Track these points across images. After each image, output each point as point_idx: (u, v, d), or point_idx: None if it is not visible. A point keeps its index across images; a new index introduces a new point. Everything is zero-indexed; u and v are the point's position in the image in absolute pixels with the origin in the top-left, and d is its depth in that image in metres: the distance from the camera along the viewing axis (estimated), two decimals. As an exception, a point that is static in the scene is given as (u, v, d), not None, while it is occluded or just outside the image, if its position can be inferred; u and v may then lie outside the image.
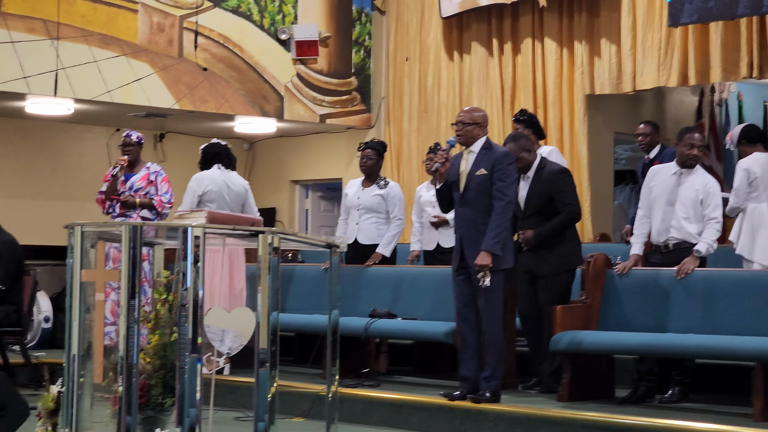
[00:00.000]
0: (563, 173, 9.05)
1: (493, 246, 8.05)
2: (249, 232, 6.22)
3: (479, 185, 8.22)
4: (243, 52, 13.89)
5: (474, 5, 13.73)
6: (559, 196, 8.84)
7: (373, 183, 10.74)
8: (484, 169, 8.21)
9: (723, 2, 11.15)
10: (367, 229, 10.63)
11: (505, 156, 8.27)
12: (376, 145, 10.91)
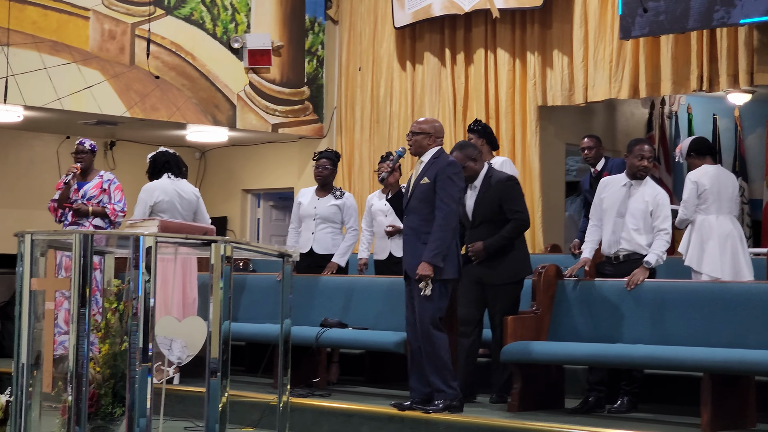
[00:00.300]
0: (511, 181, 9.05)
1: (433, 257, 8.01)
2: (201, 241, 6.21)
3: (422, 194, 8.20)
4: (195, 60, 13.85)
5: (427, 16, 13.76)
6: (508, 204, 8.84)
7: (328, 193, 10.73)
8: (427, 178, 8.19)
9: (674, 16, 11.25)
10: (323, 238, 10.63)
11: (448, 165, 8.23)
12: (330, 154, 10.90)
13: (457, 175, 8.23)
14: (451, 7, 13.47)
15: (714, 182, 9.43)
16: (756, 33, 11.27)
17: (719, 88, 11.80)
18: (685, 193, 9.52)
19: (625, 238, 8.66)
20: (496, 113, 13.32)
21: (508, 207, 8.83)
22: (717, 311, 8.07)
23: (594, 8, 12.45)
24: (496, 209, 8.82)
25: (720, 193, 9.42)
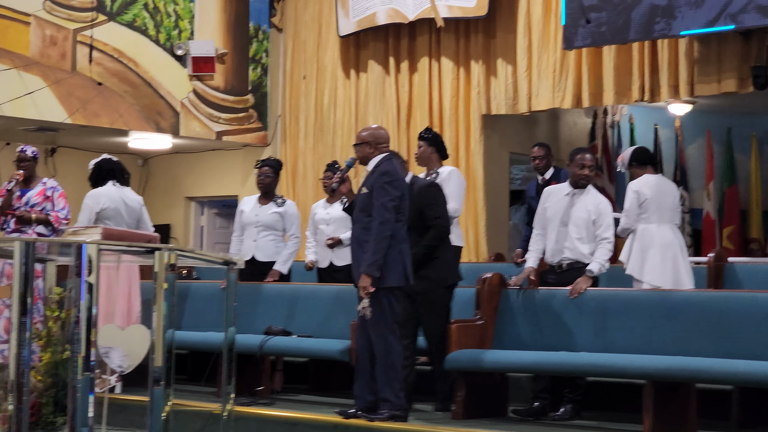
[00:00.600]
0: (432, 187, 9.06)
1: (368, 268, 7.97)
2: (145, 248, 6.17)
3: (361, 203, 8.19)
4: (138, 67, 13.78)
5: (372, 24, 13.78)
6: (428, 210, 8.81)
7: (270, 200, 10.71)
8: (366, 187, 8.18)
9: (615, 27, 11.35)
10: (265, 246, 10.61)
11: (382, 174, 8.18)
12: (273, 162, 10.89)
13: (391, 184, 8.15)
14: (396, 16, 13.50)
15: (655, 192, 9.50)
16: (696, 44, 11.40)
17: (660, 99, 11.94)
18: (627, 202, 9.58)
19: (568, 247, 8.71)
20: (440, 122, 13.35)
21: (429, 213, 8.80)
22: (658, 319, 8.15)
23: (537, 18, 12.53)
24: (418, 215, 8.80)
25: (661, 202, 9.50)
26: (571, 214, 8.72)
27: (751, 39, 11.12)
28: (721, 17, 10.71)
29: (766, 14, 10.46)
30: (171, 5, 14.12)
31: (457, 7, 12.92)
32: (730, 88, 11.28)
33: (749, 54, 11.18)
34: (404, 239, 8.21)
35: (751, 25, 10.67)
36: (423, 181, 9.05)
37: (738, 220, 16.04)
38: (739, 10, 10.60)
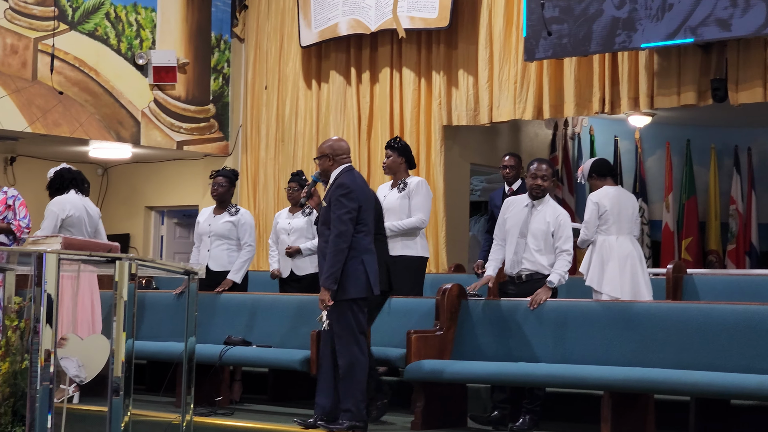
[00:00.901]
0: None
1: (325, 281, 7.97)
2: (106, 258, 6.15)
3: (323, 216, 8.20)
4: (99, 76, 13.74)
5: (334, 35, 13.79)
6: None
7: (224, 210, 10.73)
8: (325, 201, 8.19)
9: (577, 39, 11.42)
10: (219, 255, 10.60)
11: (336, 187, 8.18)
12: (227, 173, 10.90)
13: (346, 197, 8.12)
14: (358, 27, 13.52)
15: (615, 203, 9.55)
16: (656, 57, 11.47)
17: (621, 111, 11.99)
18: (587, 213, 9.63)
19: (527, 258, 8.75)
20: (401, 132, 13.36)
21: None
22: (617, 330, 8.19)
23: (499, 30, 12.58)
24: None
25: (620, 214, 9.54)
26: (530, 225, 8.76)
27: (710, 52, 11.20)
28: (681, 30, 10.79)
29: (725, 28, 10.55)
30: (133, 15, 14.09)
31: (419, 18, 12.95)
32: (690, 101, 11.35)
33: (708, 67, 11.26)
34: (367, 250, 8.18)
35: (710, 38, 10.75)
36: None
37: (696, 232, 16.14)
38: (699, 24, 10.68)
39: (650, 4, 10.97)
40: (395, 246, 9.92)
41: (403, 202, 10.04)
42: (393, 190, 10.15)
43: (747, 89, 10.97)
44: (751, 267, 15.69)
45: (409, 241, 10.05)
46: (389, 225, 9.88)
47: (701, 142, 16.36)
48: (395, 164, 10.11)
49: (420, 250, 10.11)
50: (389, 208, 9.99)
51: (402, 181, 10.07)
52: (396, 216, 10.02)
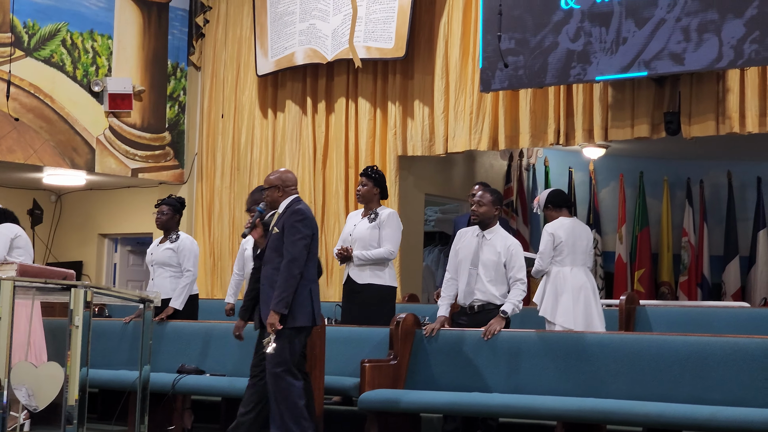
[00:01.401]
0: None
1: (276, 305, 7.93)
2: (61, 285, 6.12)
3: (273, 243, 8.16)
4: (54, 102, 13.68)
5: (290, 64, 13.81)
6: None
7: (167, 238, 10.78)
8: (277, 228, 8.16)
9: (532, 71, 11.50)
10: (161, 284, 10.60)
11: (293, 213, 8.18)
12: (172, 201, 10.94)
13: (302, 223, 8.13)
14: (314, 56, 13.54)
15: (570, 234, 9.60)
16: (610, 90, 11.57)
17: (575, 142, 12.06)
18: (542, 244, 9.67)
19: (479, 289, 8.79)
20: (355, 162, 13.39)
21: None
22: (570, 361, 8.23)
23: (455, 61, 12.64)
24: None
25: (575, 245, 9.60)
26: (481, 256, 8.81)
27: (663, 85, 11.30)
28: (634, 64, 10.90)
29: (678, 62, 10.67)
30: (89, 42, 14.05)
31: (375, 48, 12.99)
32: (643, 134, 11.43)
33: (662, 100, 11.36)
34: (314, 279, 8.21)
35: (663, 72, 10.86)
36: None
37: (649, 264, 16.25)
38: (653, 57, 10.80)
39: (605, 38, 11.07)
40: (363, 274, 9.99)
41: (373, 232, 10.07)
42: (364, 220, 10.18)
43: (700, 122, 11.07)
44: (703, 299, 15.80)
45: (378, 270, 10.07)
46: (357, 254, 9.94)
47: (654, 175, 16.49)
48: (370, 194, 10.16)
49: (388, 280, 10.14)
50: (359, 237, 10.05)
51: (374, 212, 10.12)
52: (365, 246, 10.05)
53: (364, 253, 9.99)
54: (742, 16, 10.32)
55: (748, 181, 16.39)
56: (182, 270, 10.65)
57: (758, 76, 10.74)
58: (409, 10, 12.70)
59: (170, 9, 14.90)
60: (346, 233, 10.25)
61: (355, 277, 10.05)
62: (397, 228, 10.13)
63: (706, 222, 16.26)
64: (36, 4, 13.54)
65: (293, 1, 13.83)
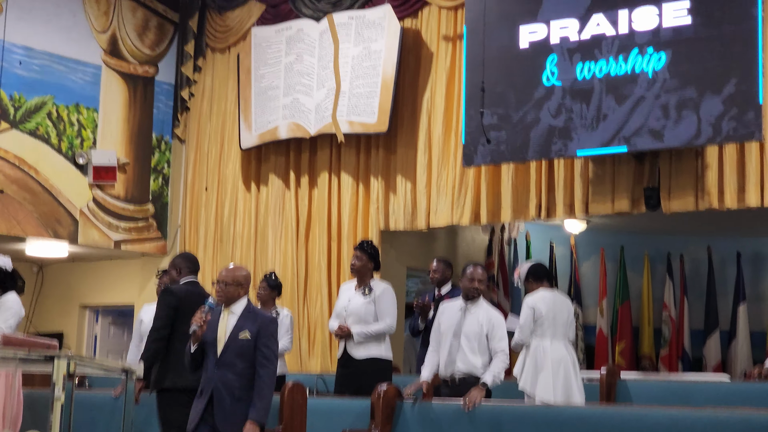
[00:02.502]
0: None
1: (262, 416, 7.79)
2: (44, 356, 6.14)
3: (240, 349, 7.87)
4: (38, 174, 13.73)
5: (273, 138, 13.89)
6: None
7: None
8: (248, 333, 7.87)
9: (514, 146, 11.61)
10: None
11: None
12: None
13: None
14: (298, 131, 13.64)
15: (550, 307, 9.66)
16: (591, 165, 11.67)
17: (556, 217, 12.13)
18: (522, 317, 9.72)
19: (460, 360, 8.83)
20: (338, 236, 13.44)
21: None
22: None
23: (438, 136, 12.73)
24: None
25: (555, 318, 9.65)
26: (463, 327, 8.87)
27: (643, 161, 11.41)
28: (615, 139, 11.02)
29: (658, 138, 10.79)
30: (75, 114, 14.15)
31: (358, 123, 13.09)
32: (624, 208, 11.52)
33: (642, 175, 11.46)
34: None
35: (643, 147, 10.97)
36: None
37: (630, 337, 16.28)
38: (633, 134, 10.92)
39: (585, 114, 11.21)
40: (360, 349, 10.02)
41: (368, 307, 10.13)
42: (358, 294, 10.22)
43: (679, 198, 11.16)
44: (683, 372, 15.83)
45: (375, 344, 10.12)
46: (358, 331, 9.98)
47: (635, 249, 16.57)
48: (365, 268, 10.25)
49: (385, 352, 10.19)
50: (354, 311, 10.12)
51: (367, 285, 10.19)
52: (361, 320, 10.10)
53: (364, 330, 10.03)
54: (720, 94, 10.47)
55: (727, 256, 16.48)
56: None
57: (736, 153, 10.86)
58: (392, 85, 12.83)
59: (156, 83, 15.03)
60: (341, 307, 10.30)
61: (352, 350, 10.08)
62: (393, 301, 10.20)
63: (686, 296, 16.32)
64: (23, 77, 13.65)
65: (277, 76, 13.96)
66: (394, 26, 12.92)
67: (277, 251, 13.89)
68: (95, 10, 14.42)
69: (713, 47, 10.56)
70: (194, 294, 9.44)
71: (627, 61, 11.00)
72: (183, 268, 9.72)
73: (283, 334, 10.96)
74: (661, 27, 10.86)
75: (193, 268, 9.82)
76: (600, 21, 11.24)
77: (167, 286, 9.73)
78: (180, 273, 9.72)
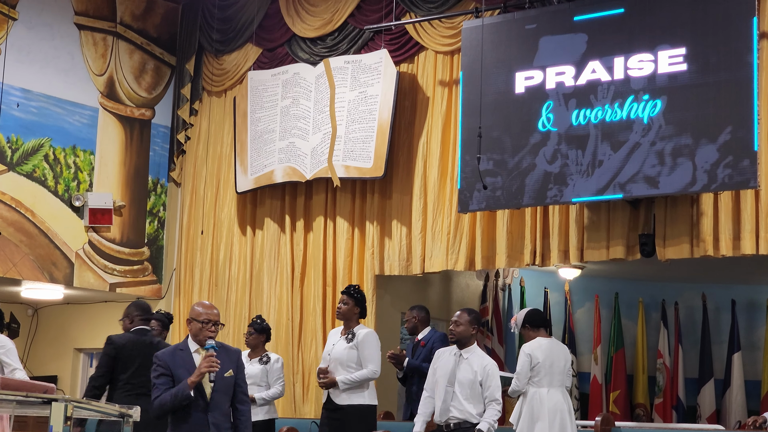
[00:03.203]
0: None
1: None
2: (42, 399, 6.12)
3: (226, 387, 7.73)
4: (35, 216, 13.74)
5: (269, 182, 13.90)
6: None
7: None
8: (231, 370, 7.76)
9: (510, 192, 11.63)
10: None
11: (240, 354, 7.96)
12: (161, 316, 11.01)
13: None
14: (293, 175, 13.65)
15: (547, 355, 9.66)
16: (586, 211, 11.69)
17: (551, 263, 12.13)
18: (519, 364, 9.72)
19: (455, 407, 8.84)
20: (333, 281, 13.43)
21: None
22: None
23: (433, 181, 12.75)
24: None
25: (552, 366, 9.65)
26: (458, 374, 8.87)
27: (638, 208, 11.43)
28: (610, 186, 11.05)
29: (653, 185, 10.82)
30: (72, 157, 14.17)
31: (354, 168, 13.11)
32: (618, 255, 11.52)
33: (637, 222, 11.47)
34: None
35: (638, 194, 11.00)
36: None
37: (624, 385, 16.25)
38: (628, 180, 10.95)
39: (581, 160, 11.24)
40: (343, 395, 10.01)
41: (351, 352, 10.12)
42: (342, 339, 10.23)
43: (674, 245, 11.18)
44: (678, 421, 15.79)
45: (359, 390, 10.10)
46: (342, 379, 9.98)
47: (629, 296, 16.58)
48: (351, 312, 10.27)
49: (368, 398, 10.16)
50: (337, 357, 10.12)
51: (351, 331, 10.19)
52: (343, 365, 10.09)
53: (348, 377, 10.02)
54: (716, 141, 10.51)
55: (722, 304, 16.49)
56: None
57: (731, 200, 10.89)
58: (388, 130, 12.86)
59: (152, 126, 15.07)
60: (326, 352, 10.31)
61: (335, 397, 10.06)
62: (377, 347, 10.19)
63: (681, 344, 16.30)
64: (20, 119, 13.68)
65: (273, 120, 14.00)
66: (391, 71, 12.98)
67: (272, 296, 13.88)
68: (93, 53, 14.47)
69: (709, 94, 10.62)
70: (138, 342, 9.67)
71: (622, 108, 11.05)
72: (134, 318, 9.98)
73: (274, 380, 10.99)
74: (657, 73, 10.92)
75: (144, 317, 10.07)
76: (596, 67, 11.30)
77: (109, 337, 9.95)
78: (132, 322, 9.96)
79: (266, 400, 10.96)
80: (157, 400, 7.52)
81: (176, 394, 7.51)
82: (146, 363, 8.90)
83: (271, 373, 11.11)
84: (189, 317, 7.74)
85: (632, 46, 11.09)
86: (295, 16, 14.14)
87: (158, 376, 7.58)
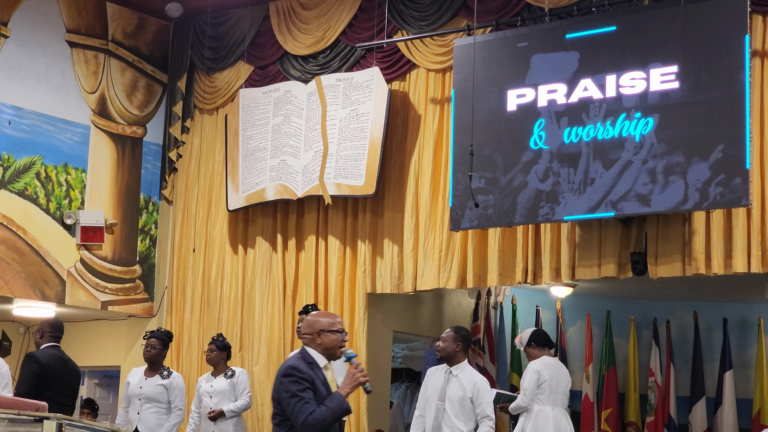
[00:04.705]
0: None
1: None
2: (34, 417, 6.11)
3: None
4: (27, 234, 13.71)
5: (260, 200, 13.90)
6: None
7: (156, 372, 10.72)
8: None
9: (501, 210, 11.64)
10: (148, 418, 10.54)
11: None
12: (161, 334, 10.97)
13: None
14: (285, 192, 13.65)
15: (553, 374, 9.70)
16: (578, 229, 11.70)
17: (542, 281, 12.11)
18: (526, 381, 9.75)
19: (446, 424, 8.84)
20: (325, 299, 13.41)
21: None
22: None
23: (425, 199, 12.74)
24: None
25: (557, 385, 9.69)
26: (448, 391, 8.88)
27: (630, 226, 11.44)
28: (602, 204, 11.06)
29: (645, 203, 10.84)
30: (63, 175, 14.16)
31: (345, 185, 13.10)
32: (610, 273, 11.51)
33: (629, 240, 11.48)
34: None
35: (630, 212, 11.00)
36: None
37: (616, 403, 16.23)
38: (620, 198, 10.96)
39: (573, 179, 11.25)
40: None
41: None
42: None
43: (666, 263, 11.18)
44: (669, 440, 15.80)
45: None
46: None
47: (621, 314, 16.58)
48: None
49: None
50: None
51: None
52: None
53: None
54: (708, 160, 10.53)
55: (714, 322, 16.49)
56: (172, 407, 10.61)
57: (723, 219, 10.91)
58: (379, 148, 12.87)
59: (144, 143, 15.07)
60: None
61: None
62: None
63: (672, 362, 16.29)
64: (12, 137, 13.67)
65: (265, 137, 14.00)
66: (382, 88, 12.99)
67: (263, 314, 13.86)
68: (84, 71, 14.47)
69: (701, 112, 10.64)
70: (59, 360, 9.73)
71: (614, 126, 11.06)
72: (45, 334, 10.04)
73: (240, 391, 11.01)
74: (649, 91, 10.94)
75: (55, 335, 10.14)
76: (588, 85, 11.32)
77: (30, 353, 9.98)
78: (42, 337, 10.03)
79: (235, 412, 10.96)
80: (313, 415, 6.97)
81: (335, 408, 7.09)
82: (64, 380, 9.15)
83: (238, 386, 11.17)
84: (317, 330, 7.19)
85: (624, 63, 11.11)
86: (287, 33, 14.15)
87: (304, 390, 7.03)
